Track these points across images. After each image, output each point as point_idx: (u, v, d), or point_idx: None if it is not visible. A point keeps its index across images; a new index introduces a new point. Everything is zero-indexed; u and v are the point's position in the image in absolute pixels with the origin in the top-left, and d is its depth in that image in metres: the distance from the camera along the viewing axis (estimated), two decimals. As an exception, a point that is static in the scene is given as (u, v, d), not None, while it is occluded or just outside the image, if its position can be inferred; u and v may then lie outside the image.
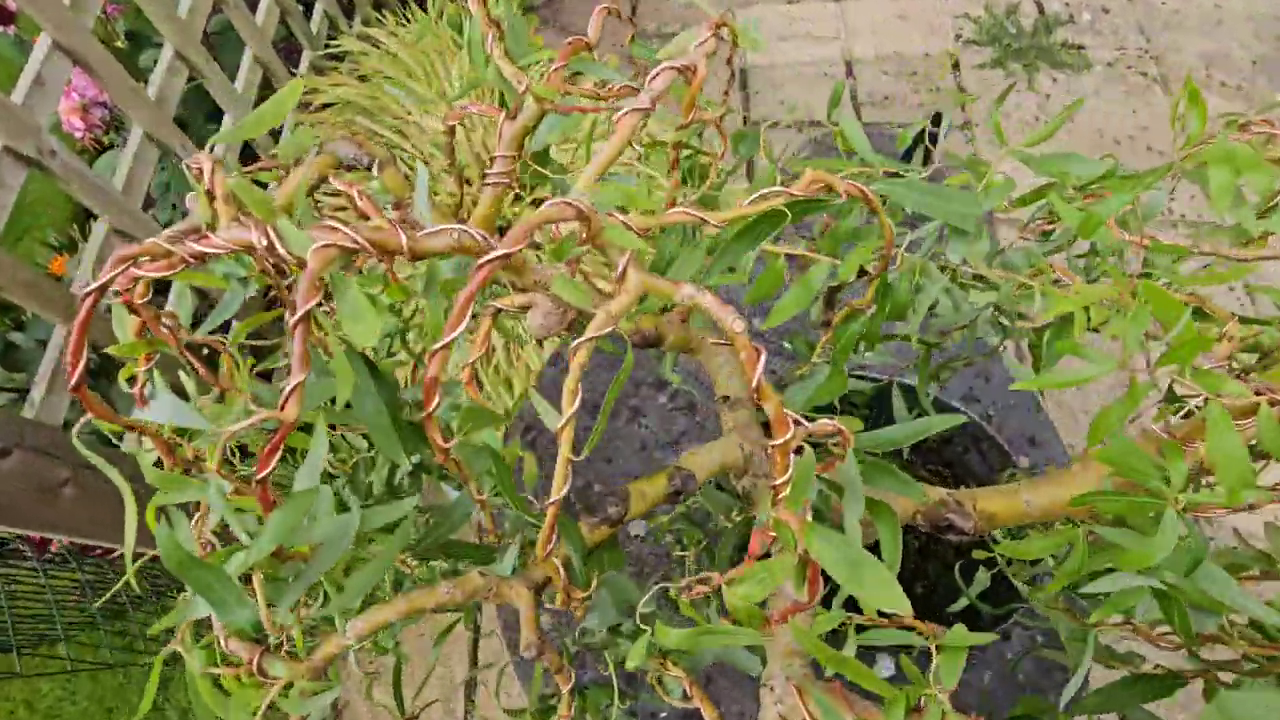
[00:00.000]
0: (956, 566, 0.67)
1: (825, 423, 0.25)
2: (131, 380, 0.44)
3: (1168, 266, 0.46)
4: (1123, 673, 0.49)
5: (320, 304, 0.35)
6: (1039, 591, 0.41)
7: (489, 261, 0.20)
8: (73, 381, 0.23)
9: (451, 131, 0.39)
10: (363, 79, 1.65)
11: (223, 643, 0.32)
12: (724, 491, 0.55)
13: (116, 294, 0.23)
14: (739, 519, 0.41)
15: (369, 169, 0.36)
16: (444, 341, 0.21)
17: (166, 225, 1.78)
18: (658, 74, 0.27)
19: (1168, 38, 2.40)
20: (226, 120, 1.47)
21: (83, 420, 0.29)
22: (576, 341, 0.22)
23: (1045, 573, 0.53)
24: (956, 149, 2.19)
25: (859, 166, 0.44)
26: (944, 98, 2.31)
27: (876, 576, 0.21)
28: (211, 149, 0.31)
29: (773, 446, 0.23)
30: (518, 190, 1.28)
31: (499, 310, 0.34)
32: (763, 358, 0.21)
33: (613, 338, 0.41)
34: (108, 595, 1.09)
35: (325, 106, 1.64)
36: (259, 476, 0.22)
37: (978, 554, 0.50)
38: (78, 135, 1.67)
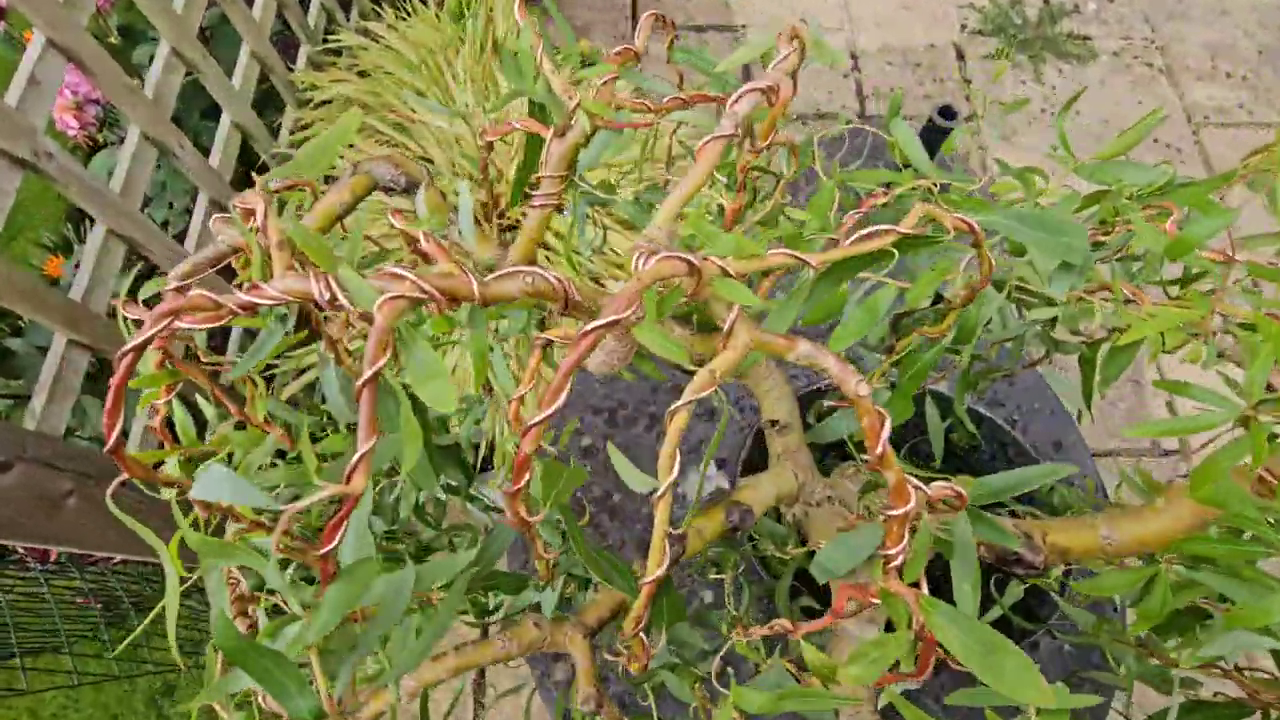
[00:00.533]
0: (992, 579, 0.65)
1: (943, 486, 0.23)
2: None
3: (1215, 277, 0.45)
4: (1178, 699, 0.47)
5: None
6: (1106, 625, 0.40)
7: (598, 329, 0.18)
8: (109, 444, 0.20)
9: (489, 148, 0.37)
10: (362, 75, 1.61)
11: (261, 701, 0.30)
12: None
13: (147, 333, 0.21)
14: (795, 551, 0.39)
15: (406, 191, 0.34)
16: (542, 417, 0.18)
17: (163, 225, 1.74)
18: (741, 96, 0.25)
19: (1172, 27, 2.37)
20: (224, 119, 1.43)
21: (128, 484, 0.27)
22: (675, 406, 0.20)
23: (1101, 599, 0.51)
24: (961, 143, 2.17)
25: (915, 178, 0.42)
26: (948, 89, 2.28)
27: (1017, 665, 0.19)
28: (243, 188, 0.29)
29: (889, 516, 0.21)
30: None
31: (549, 343, 0.32)
32: (887, 424, 0.19)
33: (657, 360, 0.39)
34: (130, 637, 1.07)
35: (324, 103, 1.61)
36: (323, 551, 0.19)
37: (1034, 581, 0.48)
38: (71, 133, 1.63)
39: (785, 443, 0.41)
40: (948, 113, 1.75)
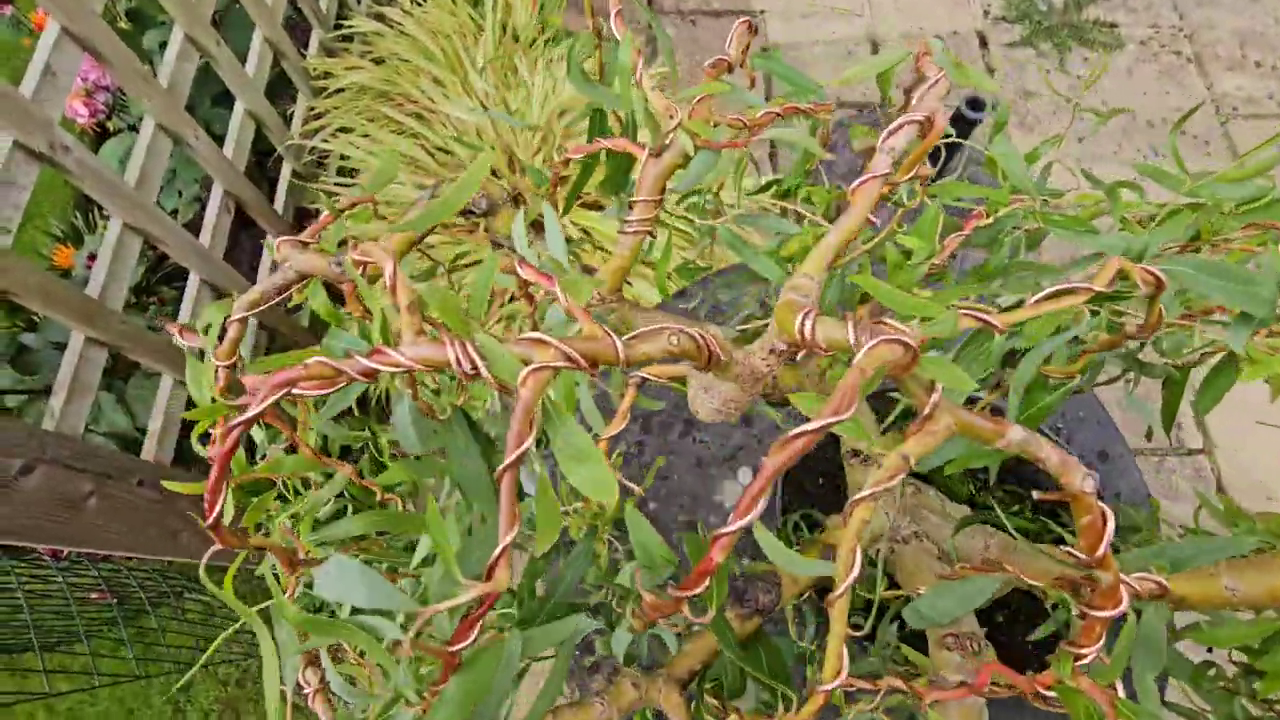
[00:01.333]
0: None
1: (1144, 577, 0.21)
2: (205, 438, 0.39)
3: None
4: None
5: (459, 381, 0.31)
6: (1205, 674, 0.38)
7: (816, 432, 0.16)
8: (209, 520, 0.18)
9: (565, 163, 0.35)
10: (377, 61, 1.58)
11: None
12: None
13: (261, 405, 0.18)
14: (888, 594, 0.37)
15: (486, 213, 0.32)
16: (735, 528, 0.16)
17: (172, 213, 1.71)
18: (897, 129, 0.22)
19: (1201, 14, 2.32)
20: (238, 107, 1.40)
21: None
22: (858, 496, 0.17)
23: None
24: (985, 138, 2.12)
25: (1014, 194, 0.40)
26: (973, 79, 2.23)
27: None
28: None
29: (1093, 616, 0.19)
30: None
31: (644, 381, 0.30)
32: (1110, 523, 0.17)
33: (755, 398, 0.37)
34: (196, 671, 1.06)
35: (338, 92, 1.57)
36: (453, 648, 0.17)
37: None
38: (80, 121, 1.60)
39: (875, 479, 0.39)
40: (975, 104, 1.71)
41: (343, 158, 1.48)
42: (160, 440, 1.17)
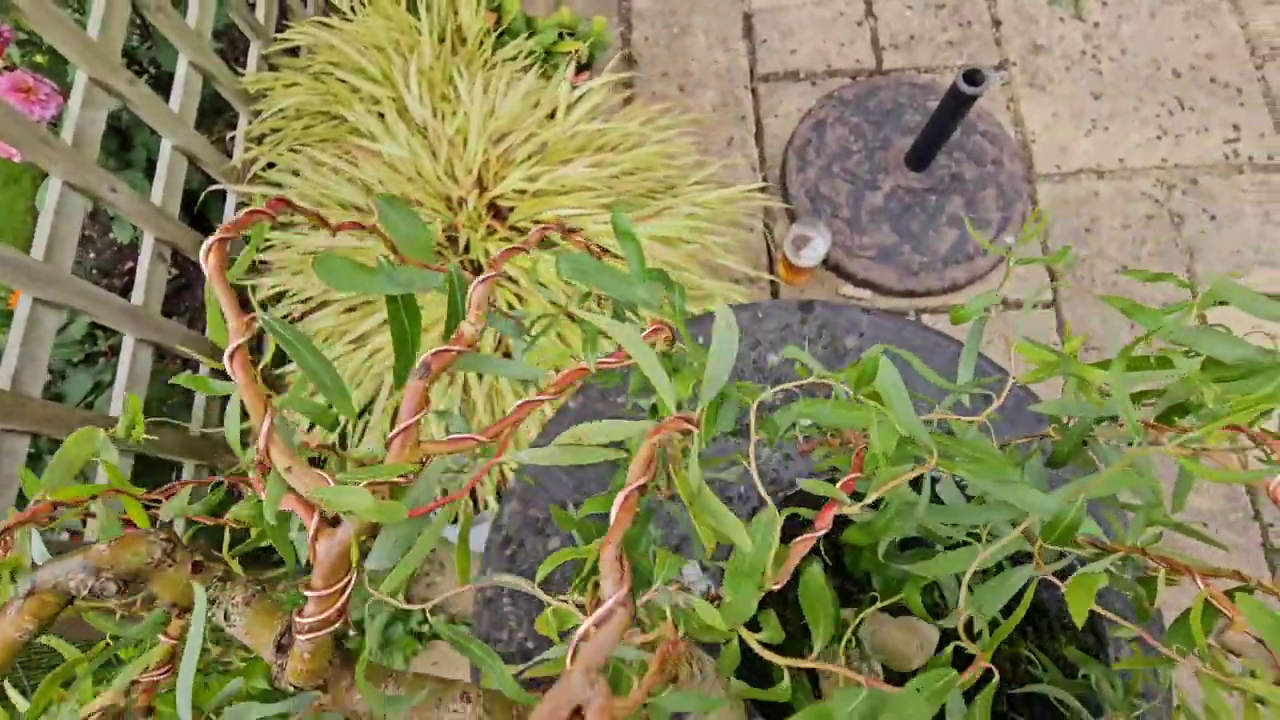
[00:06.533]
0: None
1: None
2: None
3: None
4: None
5: None
6: None
7: None
8: None
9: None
10: (317, 77, 1.46)
11: None
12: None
13: None
14: None
15: (121, 594, 0.23)
16: None
17: (130, 245, 1.64)
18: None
19: (1237, -59, 2.07)
20: (165, 145, 1.30)
21: None
22: None
23: None
24: (990, 101, 1.94)
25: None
26: (975, 33, 2.03)
27: None
28: None
29: None
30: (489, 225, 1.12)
31: None
32: None
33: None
34: None
35: (278, 112, 1.46)
36: None
37: None
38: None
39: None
40: (974, 77, 1.54)
41: (285, 171, 1.38)
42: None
